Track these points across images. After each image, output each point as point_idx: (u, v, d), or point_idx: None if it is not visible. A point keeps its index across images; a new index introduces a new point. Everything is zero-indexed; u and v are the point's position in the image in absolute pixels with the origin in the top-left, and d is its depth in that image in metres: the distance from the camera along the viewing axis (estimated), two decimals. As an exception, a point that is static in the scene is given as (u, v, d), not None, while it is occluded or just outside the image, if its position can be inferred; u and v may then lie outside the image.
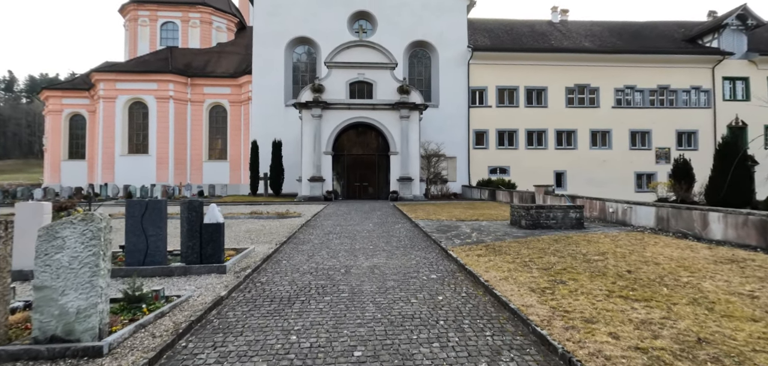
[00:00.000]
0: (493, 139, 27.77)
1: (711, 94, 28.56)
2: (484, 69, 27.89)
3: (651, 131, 28.27)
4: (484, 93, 27.94)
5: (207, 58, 32.92)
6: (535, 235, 8.50)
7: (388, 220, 12.28)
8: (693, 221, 7.70)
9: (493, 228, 9.74)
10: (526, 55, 27.78)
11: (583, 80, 28.22)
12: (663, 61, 28.43)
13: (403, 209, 15.34)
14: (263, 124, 26.84)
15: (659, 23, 34.40)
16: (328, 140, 22.25)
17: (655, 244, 6.97)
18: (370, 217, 13.31)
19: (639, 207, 9.31)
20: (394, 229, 10.23)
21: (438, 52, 28.14)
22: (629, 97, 28.52)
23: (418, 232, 9.64)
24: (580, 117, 28.06)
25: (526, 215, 9.33)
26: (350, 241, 8.44)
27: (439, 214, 13.19)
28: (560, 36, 31.06)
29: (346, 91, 22.59)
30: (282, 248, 7.64)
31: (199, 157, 30.37)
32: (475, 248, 7.02)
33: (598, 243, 7.17)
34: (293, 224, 11.21)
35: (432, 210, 15.04)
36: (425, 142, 25.15)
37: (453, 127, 27.36)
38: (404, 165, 22.22)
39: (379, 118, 22.50)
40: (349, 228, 10.56)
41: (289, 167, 25.12)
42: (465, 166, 27.56)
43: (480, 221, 11.22)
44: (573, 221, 9.35)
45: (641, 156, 28.26)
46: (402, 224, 11.31)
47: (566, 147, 28.04)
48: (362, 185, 23.74)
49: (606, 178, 27.48)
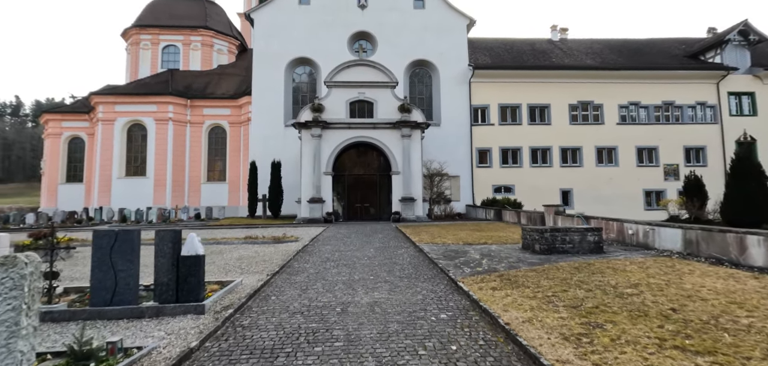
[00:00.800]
0: (497, 158, 27.17)
1: (717, 110, 28.04)
2: (486, 87, 27.54)
3: (658, 148, 27.65)
4: (486, 111, 27.51)
5: (207, 80, 32.78)
6: (551, 261, 7.76)
7: (391, 245, 11.54)
8: (728, 245, 6.96)
9: (504, 253, 8.99)
10: (527, 73, 27.47)
11: (587, 97, 27.80)
12: (667, 77, 28.05)
13: (406, 231, 14.61)
14: (262, 144, 26.38)
15: (659, 40, 34.25)
16: (328, 160, 21.68)
17: (691, 272, 6.22)
18: (371, 240, 12.58)
19: (663, 229, 8.57)
20: (397, 256, 9.49)
21: (439, 71, 27.87)
22: (634, 114, 28.03)
23: (423, 259, 8.89)
24: (584, 134, 27.52)
25: (541, 239, 8.60)
26: (349, 270, 7.71)
27: (444, 237, 12.45)
28: (561, 54, 30.84)
29: (346, 110, 22.16)
30: (273, 280, 6.91)
31: (198, 179, 29.82)
32: (488, 279, 6.28)
33: (626, 272, 6.41)
34: (288, 250, 10.49)
35: (436, 232, 14.30)
36: (427, 161, 24.56)
37: (455, 146, 26.83)
38: (406, 185, 21.58)
39: (379, 137, 21.97)
40: (348, 254, 9.83)
41: (288, 188, 24.51)
42: (468, 185, 26.89)
43: (489, 245, 10.47)
44: (591, 245, 8.61)
45: (649, 173, 27.55)
46: (405, 249, 10.57)
47: (571, 164, 27.40)
48: (363, 206, 23.04)
49: (613, 195, 26.74)
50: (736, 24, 28.47)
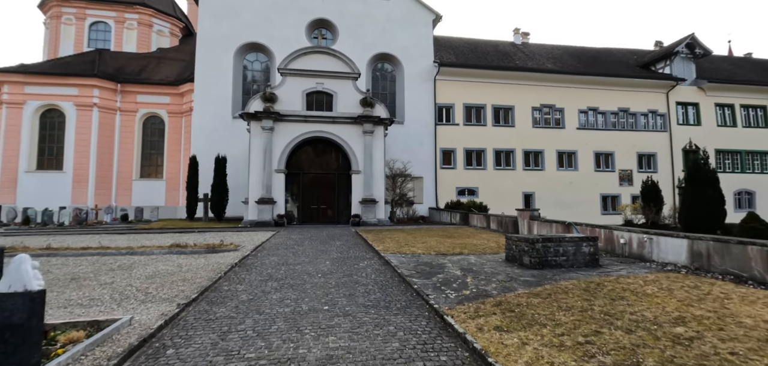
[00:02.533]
0: (461, 159, 26.25)
1: (666, 118, 29.15)
2: (451, 85, 26.57)
3: (614, 153, 28.18)
4: (451, 110, 26.52)
5: (143, 64, 28.97)
6: (547, 278, 6.38)
7: (351, 255, 9.73)
8: (750, 260, 5.94)
9: (487, 267, 7.52)
10: (492, 73, 26.85)
11: (549, 101, 27.73)
12: (623, 85, 28.72)
13: (368, 237, 12.87)
14: (206, 137, 23.44)
15: (614, 49, 35.41)
16: (280, 156, 19.41)
17: (727, 296, 5.03)
18: (327, 249, 10.69)
19: (663, 239, 7.54)
20: (359, 270, 7.72)
21: (403, 67, 26.47)
22: (592, 119, 28.38)
23: (392, 276, 7.20)
24: (546, 137, 27.40)
25: (531, 250, 7.22)
26: (296, 295, 5.82)
27: (412, 245, 10.86)
28: (524, 57, 30.71)
29: (303, 102, 20.02)
30: (183, 315, 4.87)
31: (128, 175, 26.08)
32: (484, 309, 4.70)
33: (651, 296, 5.11)
34: (222, 263, 8.35)
35: (402, 238, 12.69)
36: (390, 161, 23.02)
37: (419, 146, 25.55)
38: (367, 185, 19.84)
39: (339, 133, 20.06)
40: (297, 268, 7.90)
41: (235, 187, 21.87)
42: (432, 186, 25.70)
43: (466, 255, 9.00)
44: (586, 257, 7.38)
45: (606, 178, 27.99)
46: (369, 261, 8.82)
47: (534, 168, 27.15)
48: (320, 208, 20.98)
49: (573, 200, 26.81)
50: (684, 38, 29.84)
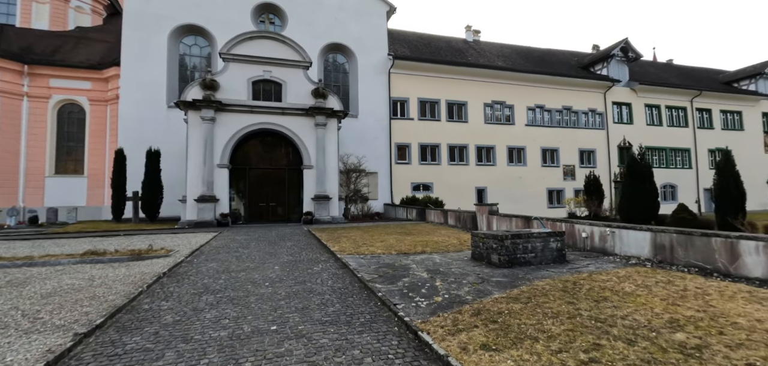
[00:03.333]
0: (416, 154, 25.97)
1: (604, 117, 31.12)
2: (406, 79, 26.16)
3: (559, 149, 29.53)
4: (406, 104, 26.12)
5: (58, 44, 25.25)
6: (520, 277, 5.94)
7: (303, 257, 8.75)
8: (714, 252, 5.91)
9: (454, 267, 6.97)
10: (446, 68, 26.84)
11: (499, 97, 28.34)
12: (566, 85, 30.15)
13: (322, 236, 11.91)
14: (136, 129, 20.90)
15: (557, 51, 37.22)
16: (223, 150, 17.69)
17: (704, 291, 4.85)
18: (276, 251, 9.59)
19: (626, 231, 7.47)
20: (313, 277, 6.80)
21: (356, 59, 25.57)
22: (539, 117, 29.49)
23: (352, 281, 6.38)
24: (497, 133, 27.99)
25: (500, 248, 6.77)
26: (237, 312, 4.80)
27: (370, 244, 10.10)
28: (476, 54, 31.17)
29: (249, 91, 18.41)
30: (79, 351, 3.69)
31: (40, 171, 22.58)
32: (461, 319, 4.06)
33: (631, 295, 4.79)
34: (148, 273, 7.00)
35: (359, 237, 11.89)
36: (344, 155, 22.09)
37: (374, 140, 24.86)
38: (320, 181, 18.76)
39: (289, 126, 18.74)
40: (241, 277, 6.80)
41: (173, 185, 19.71)
42: (387, 182, 25.15)
43: (430, 254, 8.42)
44: (554, 253, 7.10)
45: (551, 173, 29.26)
46: (324, 264, 7.92)
47: (486, 163, 27.63)
48: (269, 206, 19.52)
49: (522, 194, 27.68)
50: (619, 42, 32.00)
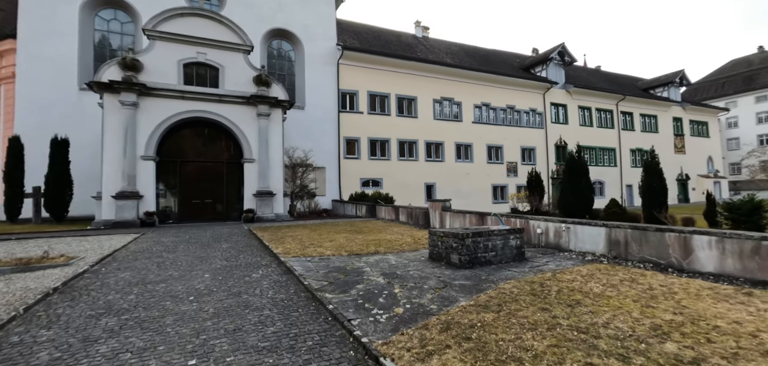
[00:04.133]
0: (366, 149, 25.30)
1: (543, 117, 32.81)
2: (355, 71, 25.33)
3: (503, 147, 30.56)
4: (355, 97, 25.31)
5: (-66, 7, 20.82)
6: (483, 278, 5.50)
7: (241, 262, 7.66)
8: (667, 247, 5.92)
9: (412, 269, 6.38)
10: (397, 62, 26.43)
11: (448, 94, 28.59)
12: (510, 84, 31.26)
13: (264, 237, 10.77)
14: (38, 113, 17.83)
15: (501, 52, 38.62)
16: (149, 140, 15.60)
17: (670, 290, 4.70)
18: (209, 255, 8.36)
19: (581, 227, 7.40)
20: (252, 286, 5.82)
21: (303, 47, 24.22)
22: (485, 115, 30.28)
23: (297, 290, 5.52)
24: (446, 130, 28.23)
25: (461, 247, 6.30)
26: (145, 341, 3.73)
27: (319, 244, 9.22)
28: (425, 50, 31.22)
29: (180, 74, 16.44)
30: None
31: None
32: (429, 336, 3.42)
33: (603, 298, 4.49)
34: (33, 290, 5.52)
35: (306, 236, 10.93)
36: (290, 149, 20.78)
37: (322, 134, 23.76)
38: (263, 176, 17.35)
39: (228, 115, 17.07)
40: (159, 289, 5.62)
41: (85, 180, 17.16)
42: (335, 177, 24.20)
43: (384, 255, 7.77)
44: (514, 251, 6.80)
45: (496, 169, 30.21)
46: (265, 269, 6.92)
47: (435, 159, 27.74)
48: (205, 203, 17.68)
49: (470, 190, 28.25)
50: (556, 46, 33.89)
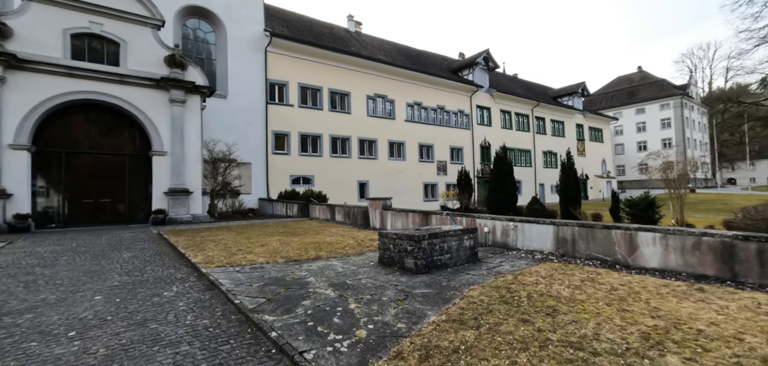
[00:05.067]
0: (296, 144, 23.81)
1: (470, 118, 34.34)
2: (285, 61, 23.68)
3: (434, 146, 31.25)
4: (285, 89, 23.67)
5: None
6: (444, 285, 4.99)
7: (148, 276, 6.19)
8: (614, 244, 6.03)
9: (364, 277, 5.64)
10: (330, 55, 25.35)
11: (382, 91, 28.32)
12: (441, 85, 32.09)
13: (179, 242, 9.12)
14: None
15: (431, 53, 39.60)
16: (22, 125, 12.53)
17: (632, 290, 4.64)
18: (103, 269, 6.66)
19: (529, 225, 7.35)
20: (163, 310, 4.57)
21: (226, 29, 21.90)
22: (418, 114, 30.65)
23: (226, 312, 4.43)
24: (380, 127, 27.92)
25: (416, 250, 5.73)
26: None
27: (248, 250, 7.98)
28: (358, 45, 30.59)
29: (66, 47, 13.50)
30: None
31: None
32: (410, 372, 2.74)
33: (576, 302, 4.23)
34: None
35: (232, 240, 9.51)
36: (210, 142, 18.58)
37: (247, 126, 21.73)
38: (177, 171, 15.12)
39: (132, 99, 14.51)
40: (20, 325, 4.09)
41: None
42: (263, 174, 22.35)
43: (328, 260, 6.89)
44: (468, 252, 6.44)
45: (427, 168, 30.78)
46: (180, 285, 5.61)
47: (368, 156, 27.26)
48: (101, 203, 14.84)
49: (402, 188, 28.30)
50: (482, 51, 35.73)
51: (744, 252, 4.75)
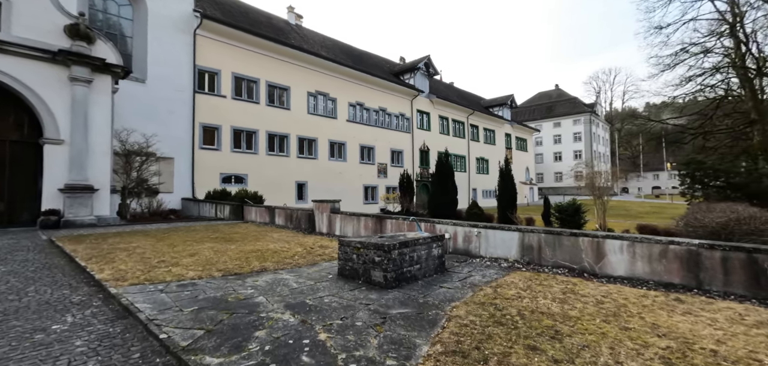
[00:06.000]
0: (228, 139, 21.68)
1: (410, 122, 34.62)
2: (218, 47, 21.46)
3: (375, 148, 30.84)
4: (217, 78, 21.44)
5: None
6: (420, 301, 4.35)
7: (30, 301, 4.64)
8: (581, 251, 5.93)
9: (325, 295, 4.78)
10: (269, 45, 23.58)
11: (324, 89, 27.18)
12: (383, 87, 31.84)
13: (78, 251, 7.32)
14: None
15: (372, 55, 39.27)
16: None
17: (621, 304, 4.42)
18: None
19: (492, 232, 7.05)
20: (51, 352, 3.27)
21: (145, 3, 19.15)
22: (360, 114, 30.01)
23: (148, 351, 3.29)
24: (321, 126, 26.74)
25: (385, 262, 5.03)
26: None
27: (174, 261, 6.58)
28: (299, 38, 29.09)
29: None
30: None
31: None
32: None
33: (571, 320, 3.87)
34: None
35: (150, 248, 7.89)
36: (123, 131, 15.95)
37: (170, 116, 19.21)
38: (79, 164, 12.60)
39: (17, 73, 11.75)
40: None
41: None
42: (188, 171, 19.92)
43: (276, 272, 5.86)
44: (436, 262, 5.91)
45: (368, 170, 30.26)
46: (78, 313, 4.23)
47: (308, 156, 25.92)
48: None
49: (342, 190, 27.37)
50: (423, 57, 36.28)
51: (709, 260, 4.85)
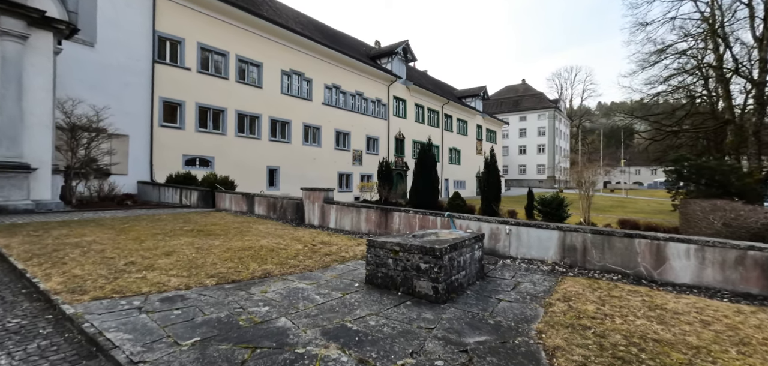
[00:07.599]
0: (192, 117, 19.54)
1: (387, 108, 33.55)
2: (181, 13, 19.13)
3: (350, 133, 29.52)
4: (180, 47, 19.15)
5: None
6: (491, 322, 3.42)
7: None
8: (636, 255, 5.26)
9: (369, 315, 3.70)
10: (239, 15, 21.42)
11: (299, 68, 25.40)
12: (360, 70, 30.43)
13: (12, 247, 5.67)
14: None
15: (348, 36, 37.57)
16: None
17: (720, 324, 3.71)
18: None
19: (527, 230, 6.24)
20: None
21: (96, -45, 16.51)
22: (336, 98, 28.50)
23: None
24: (295, 108, 25.01)
25: (434, 269, 4.04)
26: None
27: (146, 263, 5.18)
28: (272, 11, 26.90)
29: None
30: None
31: None
32: None
33: (689, 347, 3.11)
34: None
35: (110, 243, 6.35)
36: (67, 101, 13.60)
37: (125, 88, 16.85)
38: (10, 138, 10.44)
39: (-75, 19, 9.36)
40: None
41: None
42: (145, 151, 17.69)
43: (285, 279, 4.68)
44: (477, 265, 5.02)
45: (343, 156, 28.94)
46: (15, 348, 2.88)
47: (281, 139, 24.17)
48: None
49: (316, 176, 25.94)
50: (401, 42, 35.15)
51: (798, 269, 4.31)
